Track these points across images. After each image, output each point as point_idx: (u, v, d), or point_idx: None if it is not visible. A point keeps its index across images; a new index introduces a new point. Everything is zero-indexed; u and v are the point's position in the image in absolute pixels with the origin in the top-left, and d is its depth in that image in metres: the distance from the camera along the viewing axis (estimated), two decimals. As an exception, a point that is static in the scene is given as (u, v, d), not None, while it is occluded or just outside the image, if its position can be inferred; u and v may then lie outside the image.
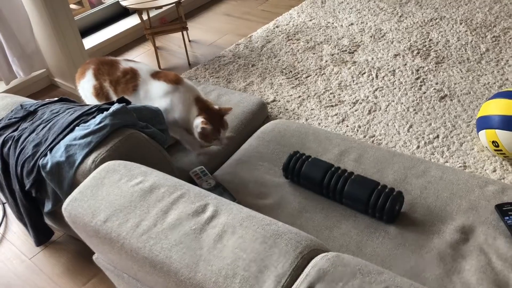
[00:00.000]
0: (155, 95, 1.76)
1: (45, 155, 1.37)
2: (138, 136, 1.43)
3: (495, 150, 1.84)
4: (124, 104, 1.48)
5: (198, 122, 1.70)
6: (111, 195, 1.15)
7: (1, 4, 2.48)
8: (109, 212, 1.11)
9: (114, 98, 1.80)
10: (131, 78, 1.77)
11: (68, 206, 1.17)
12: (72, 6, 4.26)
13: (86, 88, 1.84)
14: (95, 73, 1.81)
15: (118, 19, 3.50)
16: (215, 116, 1.74)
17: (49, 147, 1.38)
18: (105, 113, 1.41)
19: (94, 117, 1.44)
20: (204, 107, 1.75)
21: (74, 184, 1.35)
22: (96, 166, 1.32)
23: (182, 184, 1.16)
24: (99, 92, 1.81)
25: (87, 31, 3.37)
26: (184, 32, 3.34)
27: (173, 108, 1.75)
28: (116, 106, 1.44)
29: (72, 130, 1.41)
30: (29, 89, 2.89)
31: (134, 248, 1.04)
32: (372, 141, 2.10)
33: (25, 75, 2.68)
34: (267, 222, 1.01)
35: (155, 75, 1.79)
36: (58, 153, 1.35)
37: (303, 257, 0.92)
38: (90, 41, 3.22)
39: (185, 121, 1.77)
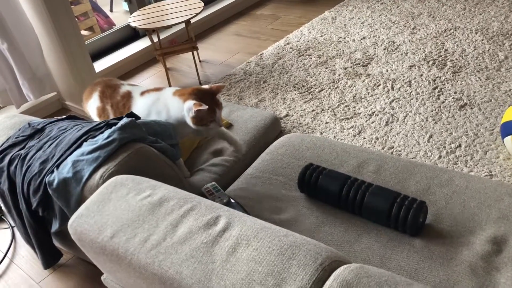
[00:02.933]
0: (140, 113, 1.67)
1: (52, 172, 1.33)
2: (148, 150, 1.38)
3: (522, 157, 1.75)
4: (133, 118, 1.44)
5: (190, 105, 1.53)
6: (118, 210, 1.09)
7: (12, 27, 2.50)
8: (116, 227, 1.05)
9: None
10: (127, 101, 1.73)
11: (74, 223, 1.12)
12: (84, 32, 4.32)
13: (92, 107, 1.84)
14: (100, 96, 1.79)
15: (129, 42, 3.52)
16: (206, 96, 1.59)
17: (56, 163, 1.34)
18: (114, 127, 1.37)
19: (102, 132, 1.39)
20: (191, 91, 1.60)
21: (81, 201, 1.30)
22: (104, 181, 1.27)
23: (193, 197, 1.10)
24: (101, 114, 1.79)
25: (99, 54, 3.38)
26: (195, 52, 3.33)
27: (160, 116, 1.65)
28: (124, 120, 1.40)
29: (79, 145, 1.37)
30: (40, 113, 2.89)
31: (142, 264, 0.97)
32: (391, 153, 2.03)
33: (35, 98, 2.68)
34: (283, 234, 0.94)
35: (143, 93, 1.73)
36: (65, 170, 1.30)
37: (324, 269, 0.85)
38: (101, 64, 3.23)
39: (181, 122, 1.63)
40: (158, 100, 1.66)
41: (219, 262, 0.91)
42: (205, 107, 1.50)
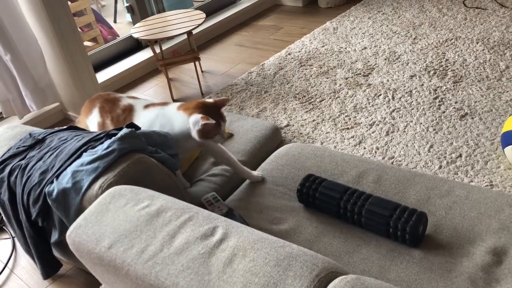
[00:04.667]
0: (144, 126, 1.66)
1: (52, 182, 1.33)
2: (147, 161, 1.39)
3: (523, 167, 1.75)
4: (133, 129, 1.44)
5: (198, 118, 1.53)
6: (116, 221, 1.09)
7: (15, 38, 2.52)
8: (114, 238, 1.05)
9: None
10: (128, 114, 1.72)
11: (72, 233, 1.12)
12: (87, 43, 4.36)
13: (93, 122, 1.80)
14: (100, 111, 1.78)
15: (132, 53, 3.54)
16: (211, 110, 1.59)
17: (56, 174, 1.34)
18: (113, 138, 1.37)
19: (102, 143, 1.40)
20: (195, 105, 1.60)
21: (81, 211, 1.31)
22: (103, 192, 1.27)
23: (190, 207, 1.10)
24: (102, 129, 1.76)
25: (102, 65, 3.41)
26: (197, 63, 3.35)
27: (164, 130, 1.63)
28: (124, 130, 1.41)
29: (79, 156, 1.37)
30: (43, 123, 2.90)
31: (139, 275, 0.97)
32: (392, 163, 2.02)
33: (37, 108, 2.69)
34: (280, 244, 0.94)
35: (147, 107, 1.72)
36: (65, 180, 1.31)
37: (320, 280, 0.84)
38: (104, 75, 3.25)
39: (185, 135, 1.61)
40: (162, 114, 1.65)
41: (216, 274, 0.91)
42: (212, 121, 1.51)
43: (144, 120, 1.67)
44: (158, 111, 1.67)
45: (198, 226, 1.02)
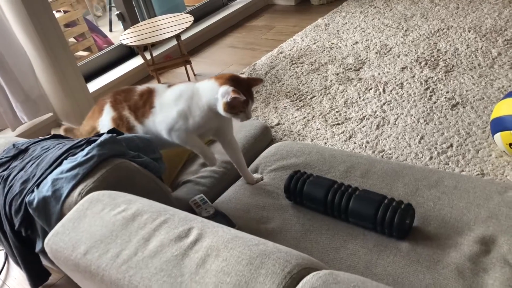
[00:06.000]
0: (168, 103, 1.57)
1: (32, 191, 1.33)
2: (128, 165, 1.37)
3: (514, 153, 1.71)
4: (113, 134, 1.43)
5: (229, 90, 1.44)
6: (93, 226, 1.08)
7: (3, 51, 2.53)
8: (90, 243, 1.04)
9: (136, 125, 1.63)
10: (148, 97, 1.62)
11: (50, 241, 1.11)
12: (82, 52, 4.37)
13: (105, 124, 1.67)
14: (112, 105, 1.66)
15: (125, 60, 3.54)
16: (243, 86, 1.49)
17: (37, 183, 1.33)
18: (93, 144, 1.36)
19: (82, 150, 1.39)
20: (229, 77, 1.51)
21: (62, 219, 1.29)
22: (83, 198, 1.26)
23: (168, 210, 1.08)
24: (119, 123, 1.64)
25: (95, 74, 3.41)
26: (189, 66, 3.34)
27: (190, 107, 1.54)
28: (104, 136, 1.40)
29: (60, 164, 1.36)
30: (37, 134, 2.90)
31: (113, 279, 0.96)
32: (382, 156, 2.00)
33: (29, 119, 2.69)
34: (254, 242, 0.92)
35: (171, 86, 1.63)
36: (45, 188, 1.30)
37: (292, 277, 0.82)
38: (96, 84, 3.25)
39: (209, 118, 1.54)
40: (190, 87, 1.57)
41: (188, 275, 0.89)
42: (242, 96, 1.43)
43: (170, 96, 1.58)
44: (186, 85, 1.59)
45: (173, 228, 1.01)
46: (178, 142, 1.60)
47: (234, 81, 1.49)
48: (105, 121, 1.67)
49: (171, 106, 1.56)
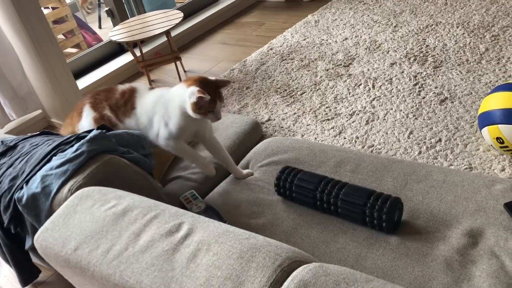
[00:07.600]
0: (146, 108, 1.59)
1: (21, 188, 1.32)
2: (118, 161, 1.37)
3: (501, 147, 1.73)
4: (103, 130, 1.43)
5: (194, 90, 1.48)
6: (83, 222, 1.08)
7: (-9, 48, 2.51)
8: (80, 239, 1.04)
9: (117, 123, 1.65)
10: (130, 96, 1.63)
11: (39, 238, 1.10)
12: (71, 49, 4.34)
13: (85, 126, 1.67)
14: (92, 105, 1.67)
15: (114, 57, 3.51)
16: (211, 87, 1.53)
17: (26, 179, 1.33)
18: (82, 140, 1.36)
19: (72, 146, 1.38)
20: (197, 78, 1.56)
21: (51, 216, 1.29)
22: (72, 194, 1.25)
23: (158, 205, 1.08)
24: (101, 122, 1.65)
25: (84, 70, 3.38)
26: (179, 63, 3.33)
27: (167, 112, 1.57)
28: (94, 132, 1.39)
29: (49, 160, 1.36)
30: (26, 131, 2.88)
31: (104, 275, 0.96)
32: (371, 151, 2.01)
33: (17, 116, 2.67)
34: (245, 236, 0.93)
35: (153, 89, 1.65)
36: (34, 185, 1.29)
37: (283, 270, 0.83)
38: (86, 81, 3.23)
39: (185, 121, 1.57)
40: (166, 92, 1.60)
41: (179, 269, 0.89)
42: (207, 96, 1.46)
43: (148, 100, 1.61)
44: (164, 90, 1.62)
45: (164, 223, 1.01)
46: (170, 151, 1.65)
47: (201, 82, 1.54)
48: (84, 123, 1.68)
49: (149, 113, 1.61)
